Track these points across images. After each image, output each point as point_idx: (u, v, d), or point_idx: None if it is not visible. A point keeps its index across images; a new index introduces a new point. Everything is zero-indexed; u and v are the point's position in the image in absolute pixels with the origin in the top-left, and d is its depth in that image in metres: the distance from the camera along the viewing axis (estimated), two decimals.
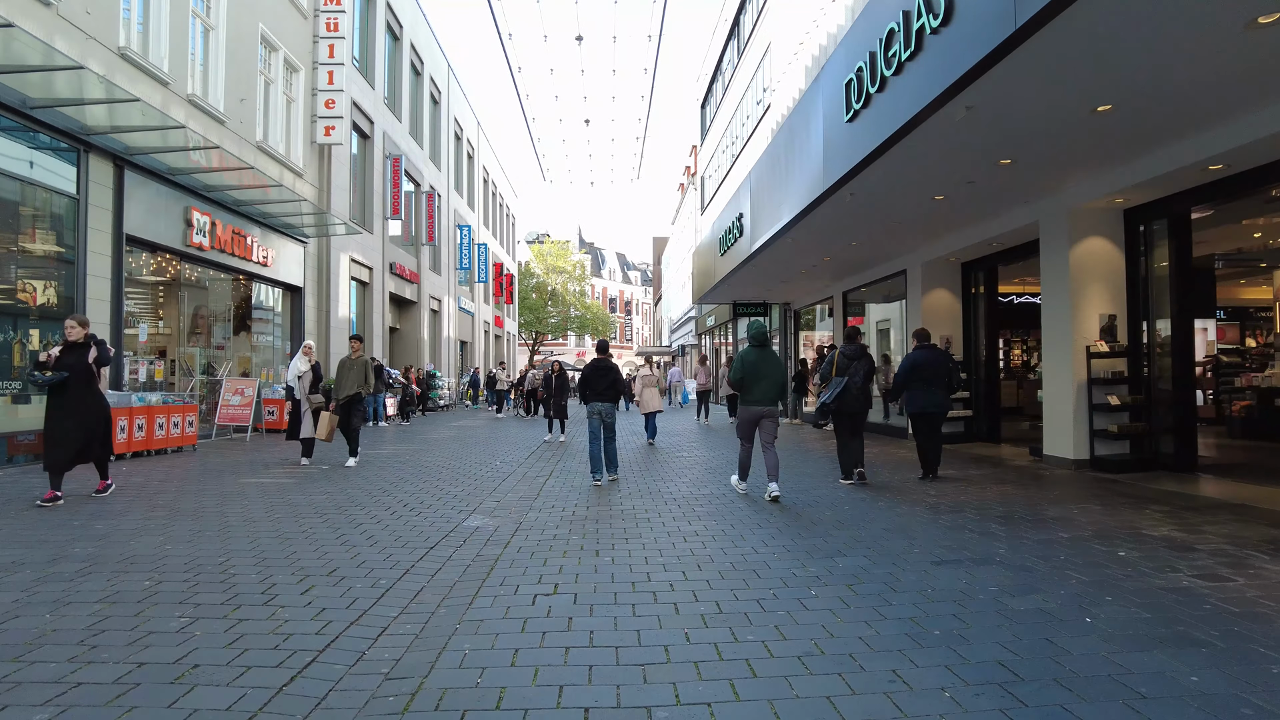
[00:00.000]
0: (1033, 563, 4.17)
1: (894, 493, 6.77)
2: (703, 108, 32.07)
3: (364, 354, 9.32)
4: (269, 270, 14.48)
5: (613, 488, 7.35)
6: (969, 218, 8.82)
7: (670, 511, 6.01)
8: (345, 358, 9.20)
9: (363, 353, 9.28)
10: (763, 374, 6.37)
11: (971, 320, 11.02)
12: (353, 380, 8.97)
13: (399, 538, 5.07)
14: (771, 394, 6.40)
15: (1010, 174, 7.00)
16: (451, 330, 28.55)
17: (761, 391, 6.41)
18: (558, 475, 8.31)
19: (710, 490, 7.09)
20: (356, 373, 9.02)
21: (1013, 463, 8.65)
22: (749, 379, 6.42)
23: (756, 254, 11.12)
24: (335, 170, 17.26)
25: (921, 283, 11.06)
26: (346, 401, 8.97)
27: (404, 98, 22.82)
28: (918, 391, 7.03)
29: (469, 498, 6.81)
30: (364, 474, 8.36)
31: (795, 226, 9.15)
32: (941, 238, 10.10)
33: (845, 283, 14.08)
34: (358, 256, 18.81)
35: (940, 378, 6.94)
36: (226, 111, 12.68)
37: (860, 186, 7.35)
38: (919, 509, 5.94)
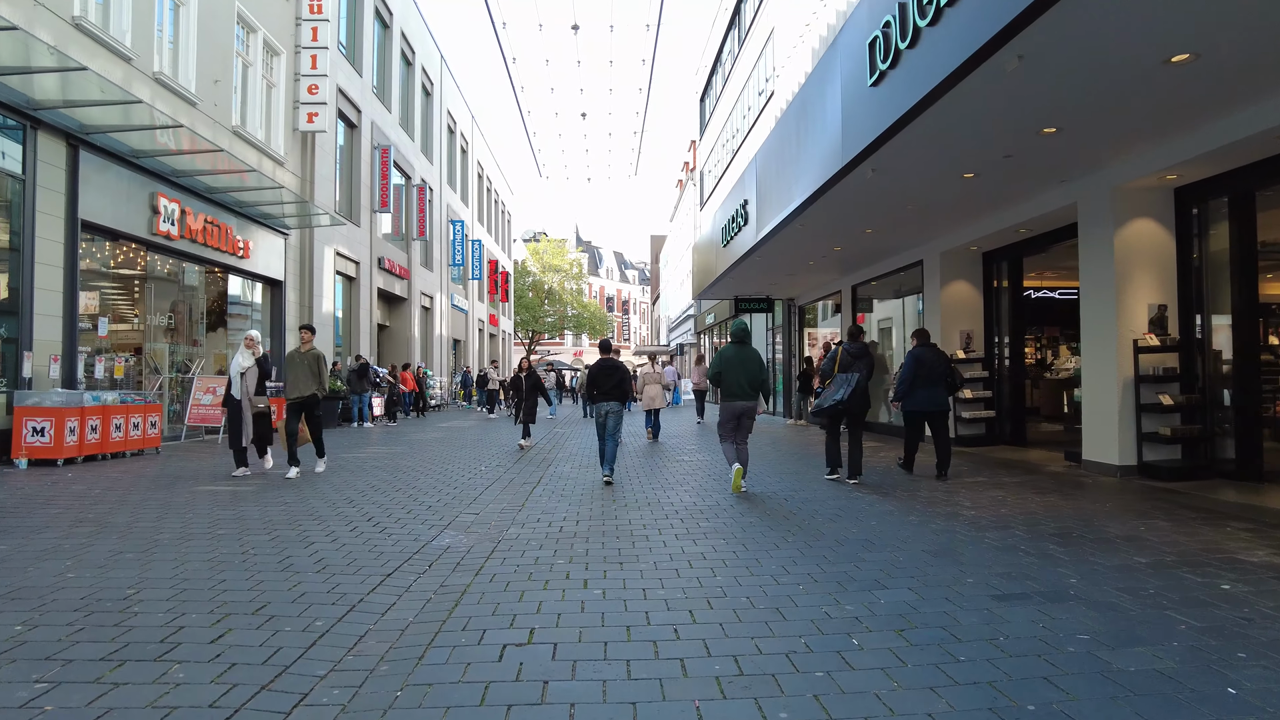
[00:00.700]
0: (1118, 599, 3.41)
1: (923, 502, 6.02)
2: (702, 101, 31.34)
3: (315, 347, 8.02)
4: (246, 263, 13.70)
5: (608, 497, 6.60)
6: (998, 200, 8.07)
7: (672, 527, 5.25)
8: (293, 350, 7.96)
9: (314, 345, 7.98)
10: (740, 369, 6.49)
11: (993, 315, 10.28)
12: (302, 378, 7.75)
13: (353, 561, 4.30)
14: (747, 390, 6.49)
15: (1053, 146, 6.24)
16: (444, 328, 27.78)
17: (739, 386, 6.49)
18: (547, 483, 7.55)
19: (716, 500, 6.34)
20: (306, 369, 7.75)
21: (1047, 469, 7.90)
22: (726, 374, 6.52)
23: (763, 243, 10.36)
24: (319, 159, 16.48)
25: (940, 274, 10.31)
26: (298, 405, 7.81)
27: (394, 87, 22.05)
28: (920, 390, 6.99)
29: (445, 509, 6.05)
30: (333, 481, 7.59)
31: (807, 210, 8.40)
32: (963, 224, 9.35)
33: (855, 276, 13.33)
34: (343, 250, 18.04)
35: (941, 376, 6.95)
36: (198, 93, 11.91)
37: (883, 161, 6.60)
38: (958, 524, 5.18)
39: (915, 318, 12.27)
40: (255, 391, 7.72)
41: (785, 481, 7.40)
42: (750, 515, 5.65)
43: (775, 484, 7.22)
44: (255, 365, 7.78)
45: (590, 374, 7.66)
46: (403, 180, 23.15)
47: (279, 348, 15.20)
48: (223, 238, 12.68)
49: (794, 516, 5.56)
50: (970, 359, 10.17)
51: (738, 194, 11.68)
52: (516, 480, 7.77)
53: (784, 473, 8.05)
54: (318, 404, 7.92)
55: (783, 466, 8.61)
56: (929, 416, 7.11)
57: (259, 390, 7.74)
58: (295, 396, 7.77)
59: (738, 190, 11.70)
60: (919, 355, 7.01)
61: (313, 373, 7.77)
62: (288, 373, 7.89)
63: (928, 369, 6.96)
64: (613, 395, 7.50)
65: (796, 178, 8.38)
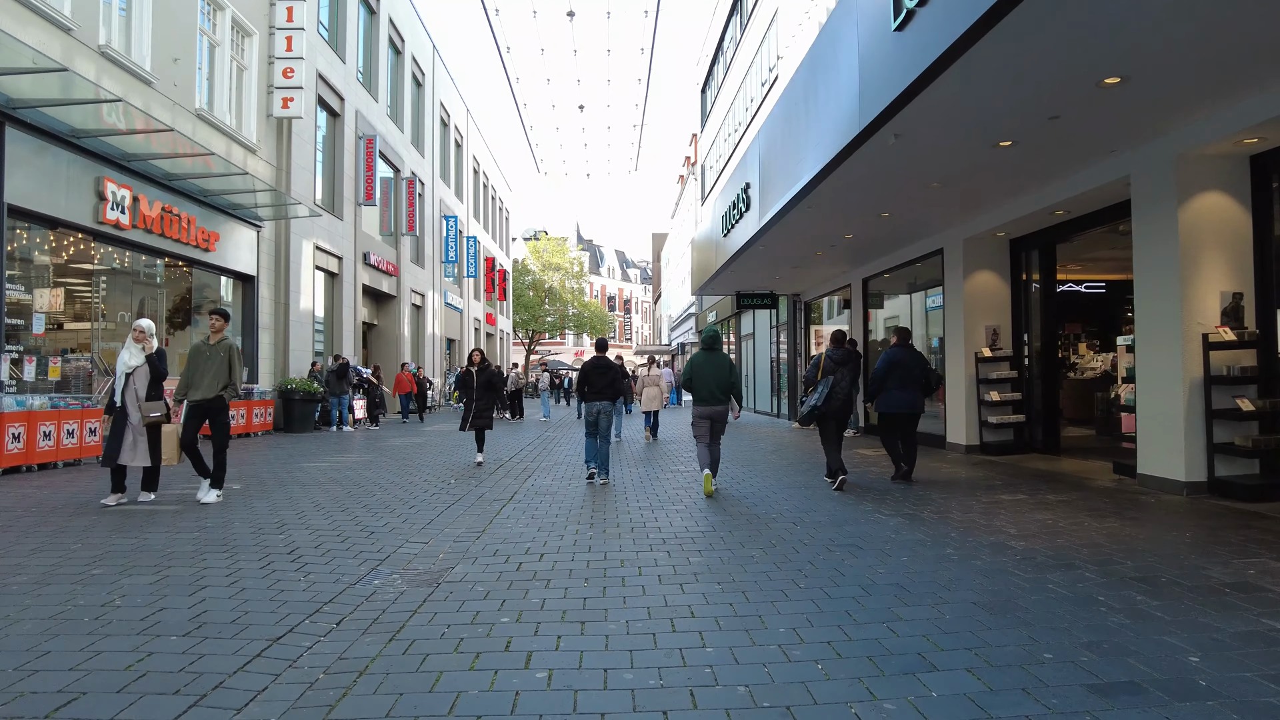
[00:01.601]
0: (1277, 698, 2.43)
1: (958, 527, 5.04)
2: (703, 92, 30.36)
3: (229, 336, 6.54)
4: (213, 256, 12.78)
5: (586, 520, 5.64)
6: (1035, 175, 7.06)
7: (657, 563, 4.28)
8: (199, 343, 6.38)
9: (227, 335, 6.41)
10: (708, 375, 6.63)
11: (1021, 308, 9.28)
12: (209, 375, 6.19)
13: (241, 617, 3.35)
14: (716, 394, 6.65)
15: (1110, 103, 5.25)
16: (437, 327, 26.86)
17: (707, 391, 6.65)
18: (520, 500, 6.59)
19: (711, 522, 5.37)
20: (213, 365, 6.19)
21: (1094, 483, 6.89)
22: (696, 379, 6.68)
23: (766, 230, 9.38)
24: (297, 148, 15.56)
25: (963, 264, 9.31)
26: (199, 409, 6.23)
27: (381, 76, 21.12)
28: (894, 391, 6.93)
29: (390, 536, 5.09)
30: (273, 499, 6.63)
31: (816, 189, 7.42)
32: (992, 206, 8.35)
33: (866, 268, 12.33)
34: (324, 244, 17.11)
35: (917, 378, 6.88)
36: (155, 71, 10.98)
37: (907, 125, 5.62)
38: (1008, 561, 4.20)
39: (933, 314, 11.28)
40: (146, 397, 6.14)
41: (792, 496, 6.42)
42: (751, 546, 4.67)
43: (780, 499, 6.25)
44: (145, 364, 6.13)
45: (582, 372, 7.56)
46: (391, 173, 22.23)
47: (251, 346, 14.30)
48: (184, 229, 11.76)
49: (805, 548, 4.58)
50: (997, 357, 9.18)
51: (739, 178, 10.69)
52: (487, 497, 6.81)
53: (790, 485, 7.07)
54: (225, 408, 6.35)
55: (789, 478, 7.63)
56: (903, 418, 7.00)
57: (151, 395, 6.16)
58: (197, 398, 6.21)
59: (739, 174, 10.72)
60: (892, 357, 6.94)
61: (222, 370, 6.25)
62: (188, 369, 6.31)
63: (902, 370, 6.87)
64: (605, 394, 7.42)
65: (804, 152, 7.41)
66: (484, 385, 9.11)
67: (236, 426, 12.84)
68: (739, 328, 23.63)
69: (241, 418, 12.97)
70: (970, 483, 7.14)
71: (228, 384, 6.31)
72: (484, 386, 9.10)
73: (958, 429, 9.46)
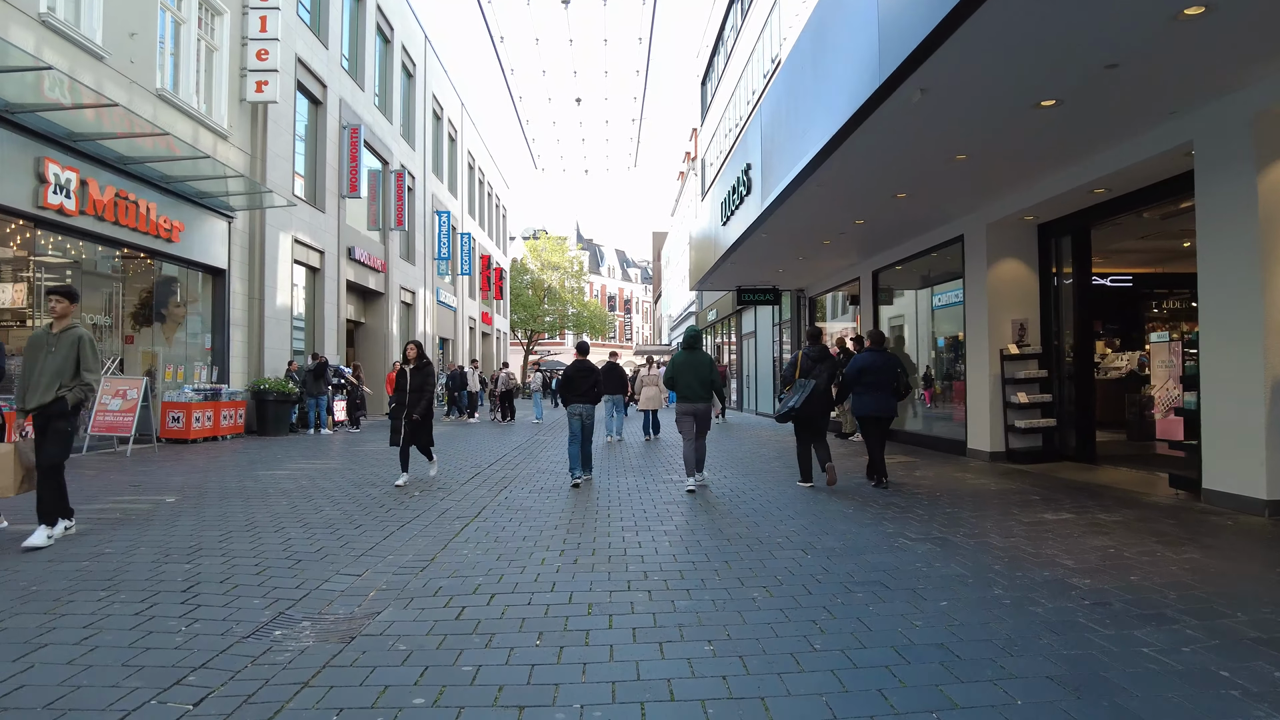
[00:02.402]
0: None
1: (1003, 557, 4.16)
2: (703, 85, 29.51)
3: (78, 324, 5.00)
4: (176, 247, 11.92)
5: (557, 545, 4.78)
6: (1079, 143, 6.16)
7: (634, 608, 3.42)
8: (38, 332, 4.93)
9: (76, 324, 4.96)
10: (692, 373, 6.81)
11: (1051, 301, 8.39)
12: (49, 373, 4.72)
13: (62, 699, 2.49)
14: (698, 391, 6.82)
15: (1185, 44, 4.37)
16: (428, 325, 26.02)
17: (691, 388, 6.83)
18: (487, 517, 5.73)
19: (705, 548, 4.50)
20: (55, 360, 4.75)
21: (1147, 499, 5.99)
22: (679, 378, 6.85)
23: (770, 213, 8.50)
24: (273, 135, 14.72)
25: (986, 251, 8.43)
26: (40, 416, 4.73)
27: (367, 64, 20.29)
28: (866, 395, 6.90)
29: (320, 566, 4.24)
30: (205, 516, 5.78)
31: (827, 162, 6.55)
32: (1023, 184, 7.47)
33: (877, 259, 11.44)
34: (304, 238, 16.27)
35: (888, 382, 6.84)
36: (107, 45, 10.14)
37: (936, 76, 4.75)
38: (1077, 605, 3.32)
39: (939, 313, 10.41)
40: None
41: (799, 513, 5.55)
42: (752, 583, 3.80)
43: (786, 517, 5.37)
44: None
45: (565, 375, 7.56)
46: (379, 165, 21.40)
47: (221, 344, 13.48)
48: (142, 216, 10.91)
49: (818, 587, 3.72)
50: (1025, 355, 8.29)
51: (739, 159, 9.82)
52: (451, 513, 5.95)
53: (796, 497, 6.20)
54: (65, 414, 4.76)
55: (793, 488, 6.75)
56: (872, 421, 6.96)
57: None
58: (34, 403, 4.72)
59: (739, 155, 9.84)
60: (862, 361, 6.92)
61: (67, 366, 4.78)
62: (24, 368, 4.86)
63: (873, 374, 6.82)
64: (587, 397, 7.42)
65: (812, 122, 6.54)
66: (418, 389, 7.22)
67: (209, 429, 12.02)
68: (739, 326, 22.75)
69: (209, 420, 12.13)
70: (1003, 497, 6.26)
71: (73, 383, 4.78)
72: (419, 391, 7.22)
73: (980, 434, 8.59)
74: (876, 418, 6.86)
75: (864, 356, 6.93)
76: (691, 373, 6.79)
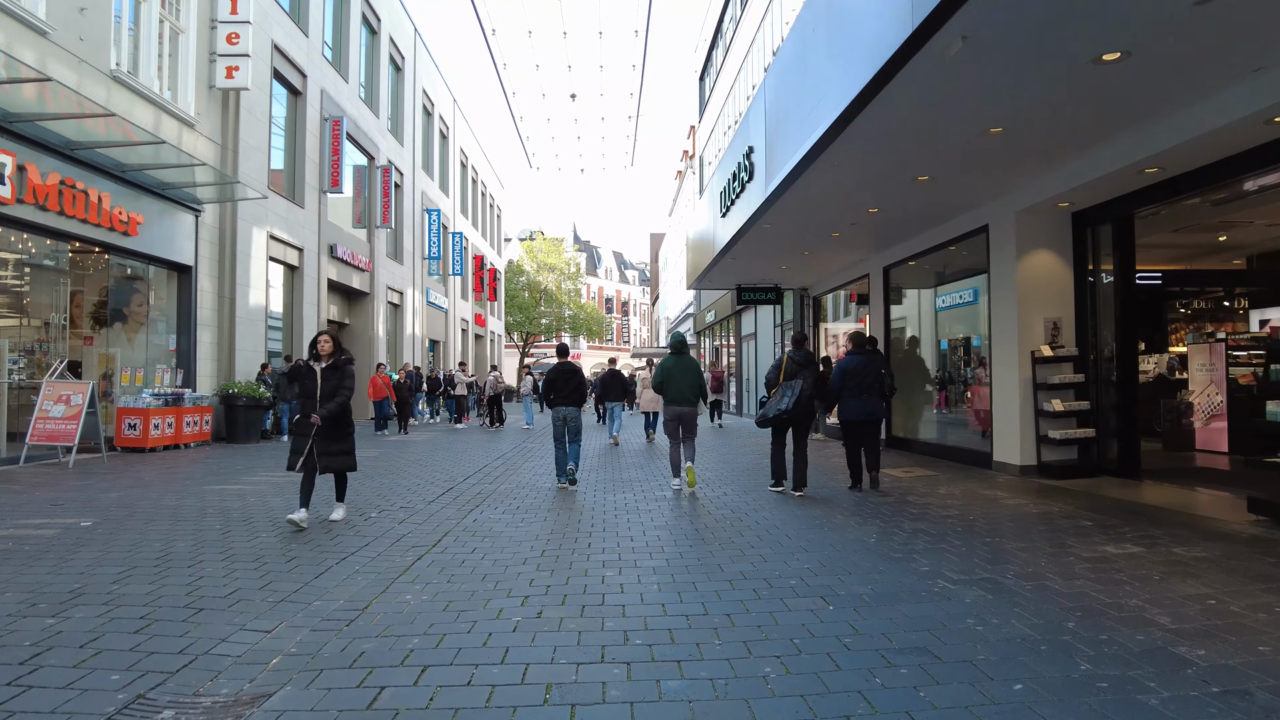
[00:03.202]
0: None
1: (1069, 605, 3.32)
2: (701, 80, 28.74)
3: None
4: (135, 241, 11.06)
5: (520, 589, 3.93)
6: (1140, 108, 5.26)
7: (606, 693, 2.58)
8: None
9: None
10: (680, 377, 6.92)
11: (1087, 298, 7.56)
12: None
13: None
14: (687, 395, 6.94)
15: None
16: (417, 327, 25.18)
17: (678, 392, 6.92)
18: (448, 547, 4.87)
19: (702, 596, 3.66)
20: None
21: (1228, 528, 5.09)
22: (668, 382, 6.95)
23: (774, 200, 7.66)
24: (247, 125, 13.89)
25: (1016, 242, 7.59)
26: None
27: (352, 55, 19.47)
28: (850, 399, 6.78)
29: (223, 618, 3.40)
30: (114, 544, 4.92)
31: (843, 133, 5.70)
32: (1060, 163, 6.63)
33: (890, 253, 10.59)
34: (281, 234, 15.43)
35: (874, 385, 6.73)
36: (51, 20, 9.29)
37: (983, 16, 3.91)
38: (1202, 693, 2.48)
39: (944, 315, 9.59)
40: None
41: (813, 544, 4.70)
42: (764, 651, 2.95)
43: (798, 549, 4.52)
44: None
45: (547, 378, 7.51)
46: (365, 161, 20.59)
47: (187, 345, 12.62)
48: (93, 207, 10.05)
49: (848, 658, 2.87)
50: (1059, 357, 7.45)
51: (740, 144, 8.99)
52: (406, 541, 5.11)
53: (807, 521, 5.35)
54: None
55: (804, 509, 5.91)
56: (863, 425, 6.85)
57: None
58: None
59: (740, 140, 9.01)
60: (844, 365, 6.82)
61: None
62: None
63: (856, 378, 6.71)
64: (570, 399, 7.39)
65: (825, 90, 5.70)
66: (330, 393, 5.40)
67: (169, 436, 11.16)
68: (739, 327, 21.93)
69: (170, 427, 11.27)
70: (1048, 522, 5.41)
71: None
72: (330, 396, 5.40)
73: (1008, 445, 7.75)
74: (865, 422, 6.73)
75: (848, 359, 6.80)
76: (681, 377, 6.95)
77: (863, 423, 6.79)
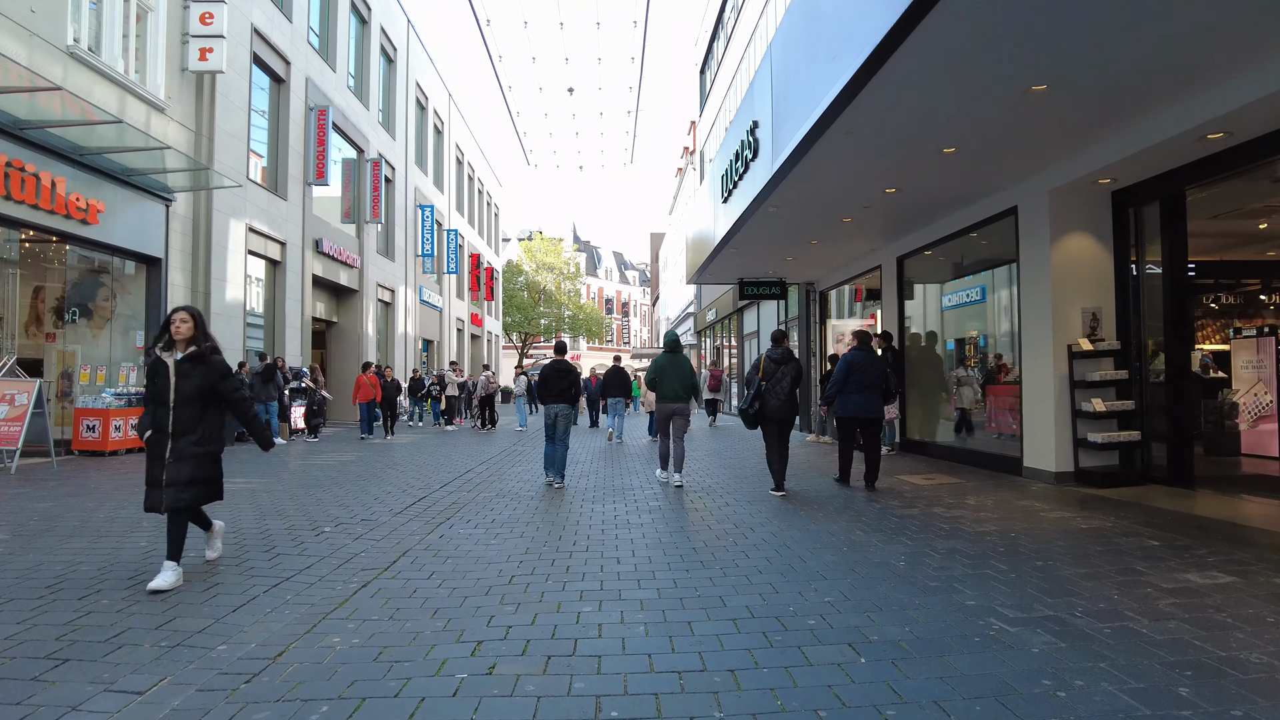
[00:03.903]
0: None
1: (1177, 660, 2.58)
2: (702, 73, 28.02)
3: None
4: (95, 230, 10.34)
5: (475, 641, 3.18)
6: (1221, 53, 4.51)
7: None
8: None
9: None
10: (673, 375, 7.18)
11: (1129, 286, 6.80)
12: None
13: None
14: (679, 392, 7.18)
15: None
16: (410, 326, 24.45)
17: (672, 390, 7.18)
18: (394, 576, 4.13)
19: (700, 643, 2.92)
20: None
21: None
22: (661, 380, 7.21)
23: (783, 175, 6.89)
24: (224, 112, 13.19)
25: (1050, 225, 6.83)
26: None
27: (340, 43, 18.78)
28: (852, 395, 6.74)
29: (90, 671, 2.66)
30: (10, 567, 4.18)
31: (862, 93, 4.95)
32: (1105, 133, 5.88)
33: (905, 241, 9.83)
34: (262, 227, 14.71)
35: (877, 383, 6.72)
36: None
37: None
38: None
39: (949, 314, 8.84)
40: None
41: (831, 571, 3.95)
42: None
43: (814, 579, 3.78)
44: None
45: (542, 375, 7.45)
46: (354, 153, 19.89)
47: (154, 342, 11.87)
48: (44, 192, 9.33)
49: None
50: (1099, 351, 6.70)
51: (743, 119, 8.24)
52: (356, 562, 4.37)
53: (823, 541, 4.60)
54: None
55: (816, 525, 5.15)
56: (862, 423, 6.85)
57: None
58: None
59: (743, 114, 8.26)
60: (850, 360, 6.79)
61: None
62: None
63: (860, 374, 6.69)
64: (563, 398, 7.30)
65: (842, 46, 4.95)
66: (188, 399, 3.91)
67: (123, 439, 10.43)
68: (740, 326, 21.18)
69: (134, 429, 10.54)
70: (1106, 542, 4.65)
71: None
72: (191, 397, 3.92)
73: (1042, 449, 6.99)
74: (865, 419, 6.71)
75: (851, 355, 6.75)
76: (674, 376, 7.17)
77: (863, 420, 6.71)
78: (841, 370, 6.77)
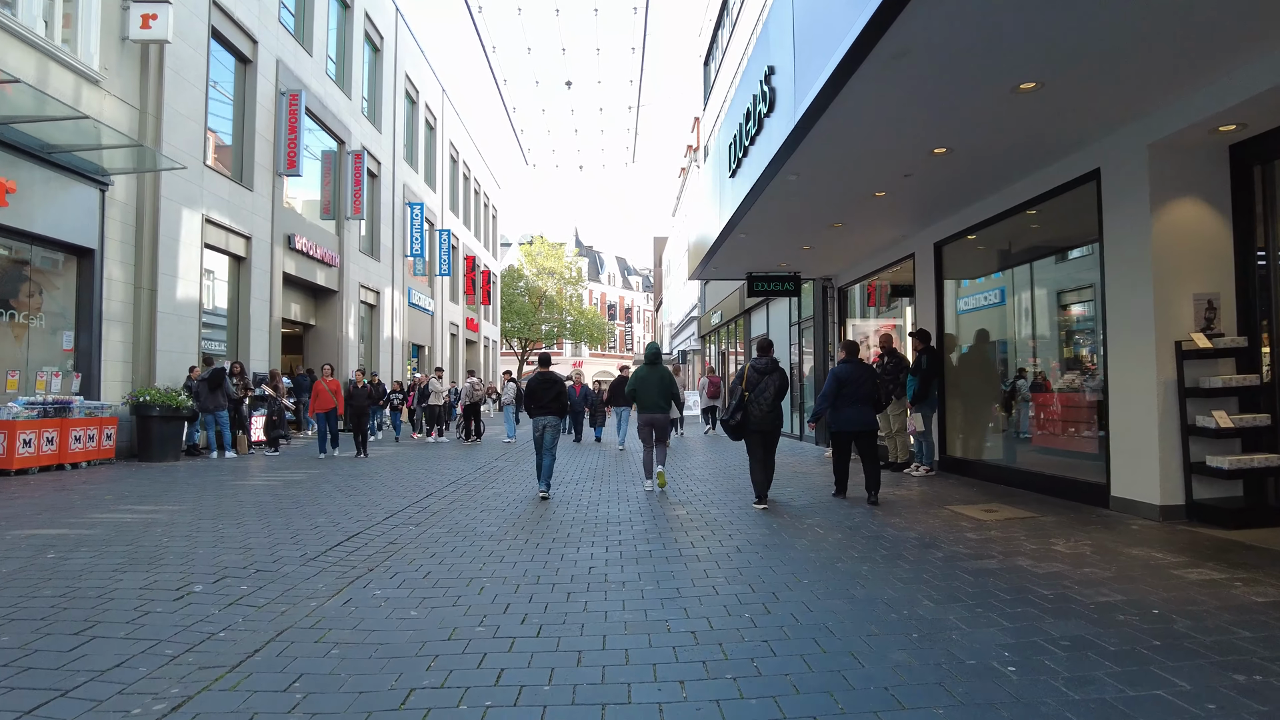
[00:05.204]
0: None
1: None
2: (705, 65, 26.70)
3: None
4: (6, 214, 8.99)
5: None
6: None
7: None
8: None
9: None
10: (653, 385, 7.49)
11: (1253, 268, 5.33)
12: None
13: None
14: (657, 403, 7.47)
15: None
16: (397, 330, 23.08)
17: (651, 400, 7.46)
18: (230, 690, 2.67)
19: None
20: None
21: None
22: (640, 390, 7.52)
23: (807, 126, 5.39)
24: (174, 88, 11.87)
25: (1149, 190, 5.37)
26: None
27: (317, 26, 17.50)
28: (845, 408, 6.59)
29: None
30: None
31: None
32: (1229, 64, 4.45)
33: (946, 223, 8.34)
34: (221, 218, 13.36)
35: (869, 394, 6.59)
36: None
37: None
38: None
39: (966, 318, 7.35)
40: None
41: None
42: None
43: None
44: None
45: (528, 387, 7.37)
46: (334, 145, 18.58)
47: (89, 343, 10.53)
48: None
49: None
50: (1219, 350, 5.21)
51: (756, 68, 6.78)
52: (199, 653, 2.92)
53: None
54: None
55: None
56: (856, 436, 6.63)
57: None
58: None
59: (756, 62, 6.80)
60: (838, 373, 6.63)
61: None
62: None
63: (851, 387, 6.54)
64: (550, 409, 7.20)
65: None
66: None
67: (49, 454, 9.05)
68: (748, 329, 19.71)
69: (50, 442, 9.16)
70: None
71: None
72: None
73: (1138, 475, 5.48)
74: (860, 432, 6.61)
75: (841, 368, 6.67)
76: (654, 387, 7.45)
77: (858, 433, 6.60)
78: (831, 384, 6.65)
